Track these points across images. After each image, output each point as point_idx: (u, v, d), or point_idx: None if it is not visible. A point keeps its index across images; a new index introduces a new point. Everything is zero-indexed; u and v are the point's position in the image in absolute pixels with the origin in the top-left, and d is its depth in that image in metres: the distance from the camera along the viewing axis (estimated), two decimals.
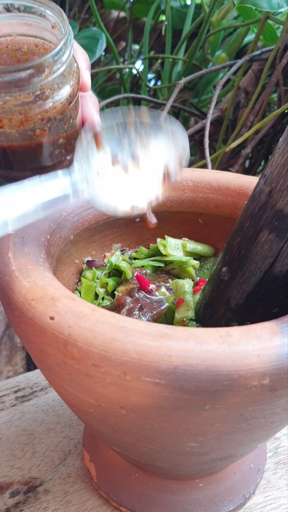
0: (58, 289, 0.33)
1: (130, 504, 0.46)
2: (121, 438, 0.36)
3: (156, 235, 0.53)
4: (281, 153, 0.34)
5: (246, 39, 1.01)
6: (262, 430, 0.35)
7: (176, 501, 0.45)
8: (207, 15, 0.92)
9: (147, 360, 0.28)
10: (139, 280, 0.46)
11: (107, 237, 0.50)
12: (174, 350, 0.29)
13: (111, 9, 1.35)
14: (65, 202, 0.35)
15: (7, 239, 0.38)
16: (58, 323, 0.31)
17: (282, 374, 0.29)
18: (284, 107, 0.74)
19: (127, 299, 0.45)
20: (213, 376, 0.28)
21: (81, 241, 0.47)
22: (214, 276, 0.41)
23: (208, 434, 0.33)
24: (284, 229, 0.34)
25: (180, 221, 0.52)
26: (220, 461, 0.39)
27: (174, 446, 0.35)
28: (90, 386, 0.31)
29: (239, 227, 0.38)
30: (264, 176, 0.35)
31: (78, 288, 0.48)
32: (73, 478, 0.51)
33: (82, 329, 0.30)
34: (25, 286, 0.33)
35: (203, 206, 0.51)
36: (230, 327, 0.30)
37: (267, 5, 0.74)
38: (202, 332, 0.30)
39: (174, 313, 0.44)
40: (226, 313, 0.40)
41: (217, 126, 0.94)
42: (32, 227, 0.40)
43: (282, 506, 0.48)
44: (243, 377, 0.29)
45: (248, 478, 0.48)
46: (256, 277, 0.37)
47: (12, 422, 0.57)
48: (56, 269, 0.43)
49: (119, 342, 0.29)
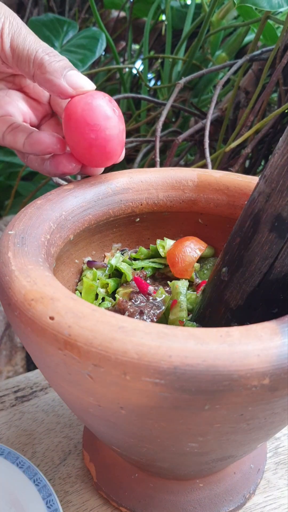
0: (58, 289, 0.33)
1: (130, 504, 0.46)
2: (121, 438, 0.36)
3: (156, 235, 0.53)
4: (281, 153, 0.34)
5: (246, 39, 1.01)
6: (262, 430, 0.35)
7: (176, 501, 0.45)
8: (207, 15, 0.92)
9: (147, 360, 0.28)
10: (137, 283, 0.47)
11: (107, 237, 0.50)
12: (174, 350, 0.29)
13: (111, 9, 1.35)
14: None
15: (7, 239, 0.38)
16: (58, 323, 0.31)
17: (282, 374, 0.29)
18: (284, 107, 0.74)
19: (128, 303, 0.45)
20: (213, 376, 0.28)
21: (81, 241, 0.47)
22: (214, 277, 0.41)
23: (208, 434, 0.33)
24: (283, 229, 0.34)
25: (180, 221, 0.52)
26: (220, 461, 0.39)
27: (174, 446, 0.35)
28: (90, 386, 0.31)
29: (239, 228, 0.38)
30: (264, 176, 0.35)
31: (78, 288, 0.48)
32: (73, 478, 0.51)
33: (82, 329, 0.30)
34: (25, 286, 0.33)
35: (203, 206, 0.51)
36: (230, 327, 0.30)
37: (267, 5, 0.74)
38: (202, 332, 0.30)
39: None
40: (226, 313, 0.40)
41: (217, 126, 0.94)
42: (32, 227, 0.40)
43: (282, 506, 0.48)
44: (243, 377, 0.29)
45: (248, 478, 0.48)
46: (256, 278, 0.37)
47: (12, 422, 0.57)
48: (56, 269, 0.43)
49: (119, 342, 0.29)
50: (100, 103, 0.44)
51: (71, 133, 0.45)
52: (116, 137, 0.45)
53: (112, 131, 0.45)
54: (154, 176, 0.51)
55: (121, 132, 0.46)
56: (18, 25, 0.45)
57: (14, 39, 0.44)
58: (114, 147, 0.46)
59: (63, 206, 0.44)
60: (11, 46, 0.44)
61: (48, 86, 0.44)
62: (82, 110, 0.44)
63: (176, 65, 1.08)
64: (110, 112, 0.45)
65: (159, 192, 0.51)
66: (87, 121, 0.44)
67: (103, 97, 0.45)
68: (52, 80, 0.44)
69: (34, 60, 0.44)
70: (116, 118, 0.45)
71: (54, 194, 0.45)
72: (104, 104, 0.45)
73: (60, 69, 0.44)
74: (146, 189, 0.50)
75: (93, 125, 0.44)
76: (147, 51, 1.10)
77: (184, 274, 0.48)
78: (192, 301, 0.45)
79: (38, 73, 0.44)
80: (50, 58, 0.44)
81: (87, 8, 1.31)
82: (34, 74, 0.44)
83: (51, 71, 0.44)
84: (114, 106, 0.45)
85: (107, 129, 0.44)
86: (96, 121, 0.44)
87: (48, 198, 0.44)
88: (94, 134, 0.44)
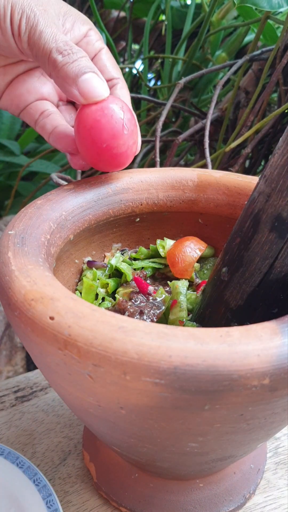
0: (58, 289, 0.33)
1: (130, 504, 0.46)
2: (121, 438, 0.36)
3: (156, 235, 0.53)
4: (281, 153, 0.34)
5: (246, 39, 1.02)
6: (262, 430, 0.35)
7: (176, 501, 0.45)
8: (207, 15, 0.92)
9: (147, 360, 0.28)
10: (137, 283, 0.47)
11: (107, 237, 0.50)
12: (174, 350, 0.29)
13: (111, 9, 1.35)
14: None
15: (7, 239, 0.38)
16: (58, 323, 0.31)
17: (282, 374, 0.29)
18: (284, 107, 0.74)
19: (128, 303, 0.45)
20: (213, 376, 0.28)
21: (81, 241, 0.47)
22: (214, 277, 0.41)
23: (208, 434, 0.33)
24: (283, 229, 0.34)
25: (180, 221, 0.52)
26: (220, 461, 0.39)
27: (174, 446, 0.35)
28: (90, 386, 0.31)
29: (239, 228, 0.38)
30: (264, 176, 0.35)
31: (78, 288, 0.48)
32: (73, 478, 0.51)
33: (82, 329, 0.30)
34: (25, 286, 0.33)
35: (203, 206, 0.51)
36: (230, 327, 0.30)
37: (267, 5, 0.74)
38: (202, 332, 0.30)
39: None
40: (226, 313, 0.40)
41: (217, 126, 0.94)
42: (32, 227, 0.40)
43: (282, 506, 0.48)
44: (243, 377, 0.28)
45: (248, 478, 0.48)
46: (256, 278, 0.37)
47: (12, 422, 0.57)
48: (56, 269, 0.43)
49: (119, 342, 0.29)
50: (109, 120, 0.43)
51: (80, 143, 0.45)
52: (124, 152, 0.45)
53: (120, 149, 0.44)
54: (154, 176, 0.51)
55: (131, 146, 0.45)
56: (35, 18, 0.42)
57: (30, 36, 0.43)
58: (122, 161, 0.46)
59: (63, 206, 0.44)
60: (29, 44, 0.43)
61: (62, 89, 0.43)
62: (91, 127, 0.43)
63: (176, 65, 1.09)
64: (119, 130, 0.43)
65: (159, 192, 0.51)
66: (94, 140, 0.43)
67: (114, 110, 0.43)
68: (64, 86, 0.43)
69: (48, 60, 0.42)
70: (126, 135, 0.44)
71: (54, 194, 0.45)
72: (114, 121, 0.43)
73: (73, 75, 0.42)
74: (146, 189, 0.50)
75: (100, 145, 0.44)
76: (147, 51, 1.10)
77: (184, 274, 0.48)
78: (192, 301, 0.45)
79: (53, 74, 0.43)
80: (64, 59, 0.42)
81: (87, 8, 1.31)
82: (50, 74, 0.44)
83: (63, 76, 0.42)
84: (126, 118, 0.44)
85: (115, 148, 0.44)
86: (104, 142, 0.43)
87: (48, 198, 0.44)
88: (100, 152, 0.44)
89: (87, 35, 0.49)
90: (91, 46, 0.49)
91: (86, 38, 0.48)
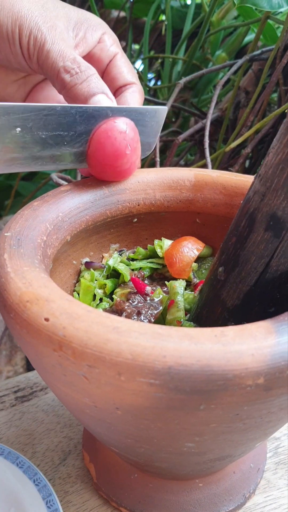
0: (53, 290, 0.33)
1: (130, 504, 0.46)
2: (118, 438, 0.36)
3: (153, 235, 0.53)
4: (275, 152, 0.33)
5: (246, 39, 1.01)
6: (259, 430, 0.35)
7: (176, 501, 0.45)
8: (207, 14, 0.92)
9: (141, 361, 0.28)
10: (134, 284, 0.47)
11: (105, 237, 0.50)
12: (168, 350, 0.29)
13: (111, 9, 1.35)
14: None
15: (3, 241, 0.38)
16: (53, 324, 0.31)
17: (276, 374, 0.29)
18: (284, 107, 0.73)
19: (125, 303, 0.45)
20: (207, 376, 0.28)
21: (79, 242, 0.47)
22: (210, 276, 0.41)
23: (204, 434, 0.33)
24: (278, 228, 0.34)
25: (177, 221, 0.52)
26: (219, 461, 0.39)
27: (171, 446, 0.35)
28: (85, 387, 0.31)
29: (235, 227, 0.38)
30: (259, 175, 0.35)
31: (77, 289, 0.48)
32: (73, 478, 0.51)
33: (76, 330, 0.30)
34: (20, 287, 0.33)
35: (200, 205, 0.51)
36: (225, 327, 0.30)
37: (267, 5, 0.74)
38: (197, 332, 0.30)
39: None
40: (223, 313, 0.40)
41: (217, 126, 0.94)
42: (28, 228, 0.40)
43: (282, 506, 0.48)
44: (238, 377, 0.28)
45: (248, 478, 0.48)
46: (252, 277, 0.37)
47: (12, 422, 0.57)
48: (54, 270, 0.43)
49: (113, 342, 0.29)
50: (113, 142, 0.44)
51: (86, 159, 0.46)
52: (128, 169, 0.47)
53: (124, 167, 0.46)
54: (150, 176, 0.51)
55: (134, 161, 0.47)
56: (42, 38, 0.42)
57: (39, 56, 0.42)
58: (125, 175, 0.48)
59: (59, 207, 0.44)
60: (39, 64, 0.43)
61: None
62: (95, 149, 0.44)
63: (176, 65, 1.08)
64: (122, 151, 0.45)
65: (156, 192, 0.51)
66: (98, 160, 0.45)
67: (119, 132, 0.44)
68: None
69: (57, 80, 0.42)
70: (128, 154, 0.45)
71: (51, 196, 0.45)
72: (118, 142, 0.44)
73: (82, 97, 0.42)
74: (143, 190, 0.50)
75: (104, 165, 0.46)
76: (147, 51, 1.10)
77: (182, 274, 0.48)
78: (189, 301, 0.45)
79: (63, 93, 0.43)
80: (72, 79, 0.42)
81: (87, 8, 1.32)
82: (60, 92, 0.44)
83: (72, 97, 0.43)
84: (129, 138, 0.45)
85: (118, 167, 0.46)
86: (107, 163, 0.46)
87: (45, 200, 0.44)
88: (105, 169, 0.46)
89: (100, 40, 0.48)
90: (105, 52, 0.48)
91: (100, 44, 0.48)
